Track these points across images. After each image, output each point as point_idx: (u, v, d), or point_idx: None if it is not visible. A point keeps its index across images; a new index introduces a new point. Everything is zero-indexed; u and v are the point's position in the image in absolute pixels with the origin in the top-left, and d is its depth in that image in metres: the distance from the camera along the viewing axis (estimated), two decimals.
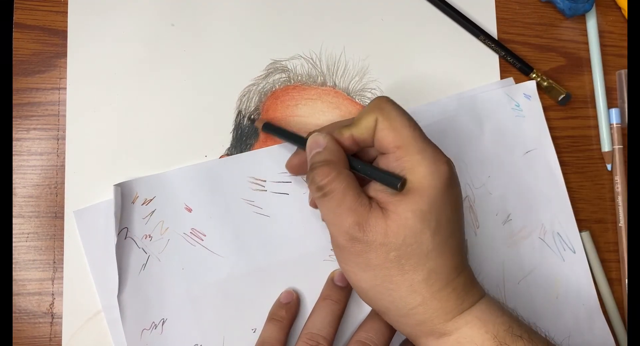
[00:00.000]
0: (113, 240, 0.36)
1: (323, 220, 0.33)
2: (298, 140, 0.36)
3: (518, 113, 0.43)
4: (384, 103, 0.33)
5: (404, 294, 0.31)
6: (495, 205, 0.42)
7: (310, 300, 0.39)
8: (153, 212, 0.38)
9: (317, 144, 0.34)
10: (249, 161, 0.39)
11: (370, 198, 0.32)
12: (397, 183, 0.31)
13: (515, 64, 0.44)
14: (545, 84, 0.44)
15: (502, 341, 0.31)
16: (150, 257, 0.37)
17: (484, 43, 0.44)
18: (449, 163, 0.32)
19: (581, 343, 0.42)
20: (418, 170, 0.31)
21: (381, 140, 0.32)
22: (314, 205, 0.38)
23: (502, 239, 0.42)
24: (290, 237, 0.39)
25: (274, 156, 0.40)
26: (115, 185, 0.37)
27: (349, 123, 0.34)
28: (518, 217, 0.43)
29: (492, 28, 0.45)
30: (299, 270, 0.39)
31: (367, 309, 0.39)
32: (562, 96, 0.44)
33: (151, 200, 0.38)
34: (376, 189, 0.32)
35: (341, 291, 0.38)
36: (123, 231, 0.37)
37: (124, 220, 0.37)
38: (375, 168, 0.33)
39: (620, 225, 0.45)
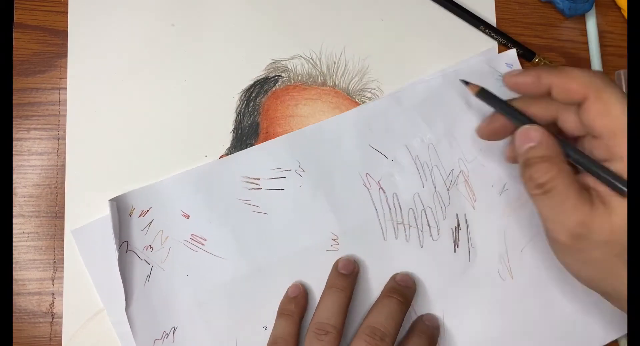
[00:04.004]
0: (114, 255, 0.36)
1: (540, 216, 0.32)
2: (511, 113, 0.35)
3: (502, 83, 0.43)
4: (601, 80, 0.31)
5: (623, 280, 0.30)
6: (489, 176, 0.42)
7: (317, 291, 0.39)
8: (151, 222, 0.38)
9: (529, 138, 0.32)
10: (241, 161, 0.39)
11: (590, 191, 0.31)
12: (624, 189, 0.29)
13: (517, 51, 0.44)
14: None
15: None
16: (154, 267, 0.37)
17: (485, 33, 0.44)
18: None
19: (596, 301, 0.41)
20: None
21: (593, 123, 0.31)
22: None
23: (500, 209, 0.42)
24: (291, 231, 0.39)
25: (265, 153, 0.39)
26: (111, 201, 0.37)
27: (553, 74, 0.32)
28: (513, 185, 0.42)
29: None
30: (303, 263, 0.39)
31: (375, 295, 0.39)
32: None
33: (147, 211, 0.38)
34: (591, 179, 0.31)
35: (346, 279, 0.38)
36: (123, 245, 0.37)
37: (122, 234, 0.37)
38: (599, 166, 0.31)
39: None
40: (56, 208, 0.38)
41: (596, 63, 0.46)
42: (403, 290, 0.38)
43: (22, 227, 0.38)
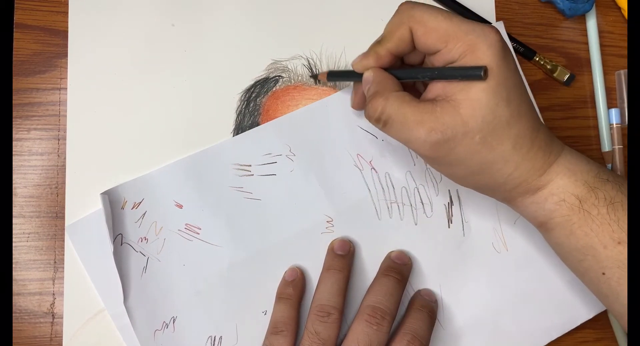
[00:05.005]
0: (109, 248, 0.36)
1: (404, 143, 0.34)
2: (359, 75, 0.36)
3: None
4: (412, 9, 0.33)
5: (498, 167, 0.32)
6: None
7: (314, 274, 0.39)
8: (144, 214, 0.38)
9: (367, 82, 0.34)
10: (230, 148, 0.39)
11: (433, 100, 0.32)
12: (479, 72, 0.30)
13: (518, 49, 0.44)
14: (549, 66, 0.45)
15: (592, 186, 0.32)
16: (150, 258, 0.38)
17: None
18: (495, 29, 0.32)
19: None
20: (476, 49, 0.31)
21: (426, 44, 0.32)
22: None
23: None
24: (285, 216, 0.39)
25: (255, 139, 0.39)
26: (102, 194, 0.37)
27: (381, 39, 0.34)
28: None
29: None
30: (299, 246, 0.39)
31: (372, 274, 0.39)
32: (567, 76, 0.44)
33: (140, 202, 0.38)
34: (436, 89, 0.33)
35: (343, 259, 0.38)
36: (118, 238, 0.37)
37: (116, 227, 0.37)
38: (449, 69, 0.32)
39: None
40: (56, 209, 0.38)
41: (596, 63, 0.46)
42: (399, 267, 0.38)
43: (23, 227, 0.38)
